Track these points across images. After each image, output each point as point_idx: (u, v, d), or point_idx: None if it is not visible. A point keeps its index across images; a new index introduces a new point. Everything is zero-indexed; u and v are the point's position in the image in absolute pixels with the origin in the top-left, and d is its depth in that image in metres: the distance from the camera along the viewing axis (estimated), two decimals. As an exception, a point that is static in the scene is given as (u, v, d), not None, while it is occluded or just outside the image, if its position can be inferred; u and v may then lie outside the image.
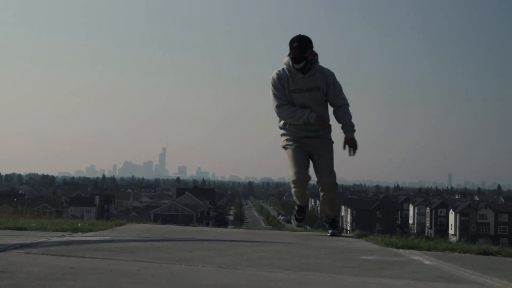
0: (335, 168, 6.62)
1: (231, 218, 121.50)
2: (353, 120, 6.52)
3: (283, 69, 6.46)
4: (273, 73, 6.51)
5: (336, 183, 6.74)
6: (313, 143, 6.57)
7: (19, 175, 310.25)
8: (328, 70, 6.46)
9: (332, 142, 6.70)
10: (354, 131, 6.50)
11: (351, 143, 6.48)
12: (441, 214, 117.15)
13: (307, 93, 6.40)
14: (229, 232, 7.02)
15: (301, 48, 6.23)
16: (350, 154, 6.49)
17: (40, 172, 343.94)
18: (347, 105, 6.53)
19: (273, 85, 6.48)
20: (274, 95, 6.46)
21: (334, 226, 6.95)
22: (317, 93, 6.41)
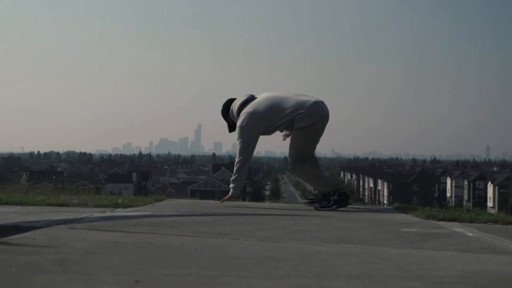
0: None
1: (267, 193, 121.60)
2: (233, 178, 6.81)
3: None
4: None
5: (297, 165, 6.77)
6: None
7: (58, 153, 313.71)
8: None
9: (297, 129, 6.70)
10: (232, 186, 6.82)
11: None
12: (479, 186, 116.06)
13: None
14: (268, 206, 7.04)
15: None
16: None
17: (77, 150, 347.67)
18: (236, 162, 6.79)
19: None
20: None
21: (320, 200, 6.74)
22: None
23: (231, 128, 6.96)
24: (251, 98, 6.84)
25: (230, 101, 7.00)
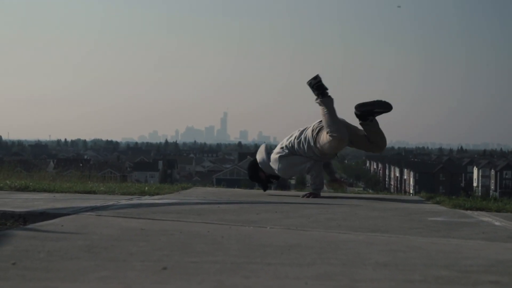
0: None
1: (292, 182, 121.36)
2: None
3: None
4: None
5: None
6: None
7: (84, 141, 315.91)
8: None
9: None
10: None
11: None
12: (506, 176, 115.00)
13: None
14: (293, 195, 7.04)
15: None
16: None
17: (104, 138, 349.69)
18: None
19: None
20: None
21: None
22: None
23: None
24: None
25: None
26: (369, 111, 6.38)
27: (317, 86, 6.51)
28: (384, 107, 6.39)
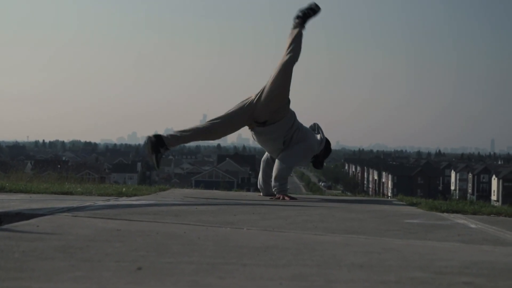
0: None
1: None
2: None
3: None
4: None
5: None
6: None
7: (63, 142, 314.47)
8: None
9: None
10: None
11: None
12: (484, 180, 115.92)
13: None
14: (271, 197, 7.04)
15: None
16: None
17: (83, 139, 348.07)
18: None
19: None
20: None
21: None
22: None
23: None
24: None
25: None
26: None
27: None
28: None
